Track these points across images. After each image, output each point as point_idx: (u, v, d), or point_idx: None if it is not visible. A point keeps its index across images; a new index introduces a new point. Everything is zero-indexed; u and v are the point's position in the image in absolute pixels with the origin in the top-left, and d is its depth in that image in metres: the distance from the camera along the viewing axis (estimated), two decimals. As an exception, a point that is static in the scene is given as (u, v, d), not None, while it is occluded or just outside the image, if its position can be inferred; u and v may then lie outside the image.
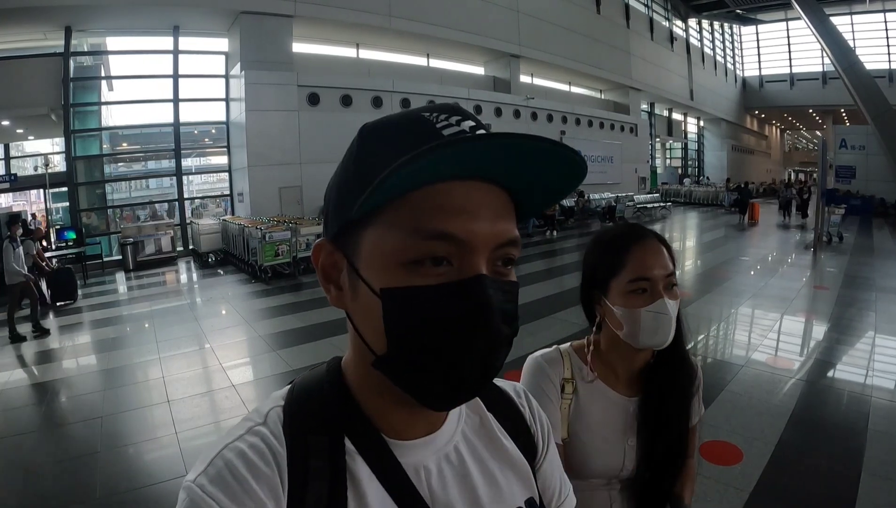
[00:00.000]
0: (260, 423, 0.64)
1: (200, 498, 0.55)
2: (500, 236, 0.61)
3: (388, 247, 0.59)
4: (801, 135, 67.65)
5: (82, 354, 7.39)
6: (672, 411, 1.40)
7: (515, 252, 0.64)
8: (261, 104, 15.42)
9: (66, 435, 4.79)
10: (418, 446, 0.69)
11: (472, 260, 0.59)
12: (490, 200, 0.61)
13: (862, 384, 5.53)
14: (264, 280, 11.75)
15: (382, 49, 20.52)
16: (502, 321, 0.59)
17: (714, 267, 12.40)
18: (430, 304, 0.57)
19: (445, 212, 0.58)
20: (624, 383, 1.43)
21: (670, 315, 1.29)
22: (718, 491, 3.64)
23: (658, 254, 1.33)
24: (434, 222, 0.57)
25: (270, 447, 0.61)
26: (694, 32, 40.12)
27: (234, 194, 17.19)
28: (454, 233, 0.57)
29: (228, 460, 0.58)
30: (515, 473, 0.78)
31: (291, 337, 7.51)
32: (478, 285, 0.58)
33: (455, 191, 0.59)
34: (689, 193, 33.87)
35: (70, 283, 10.78)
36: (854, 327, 7.60)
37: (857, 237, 18.08)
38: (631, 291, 1.30)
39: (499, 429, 0.80)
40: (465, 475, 0.72)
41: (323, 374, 0.72)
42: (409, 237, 0.58)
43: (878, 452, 4.10)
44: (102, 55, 16.63)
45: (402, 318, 0.58)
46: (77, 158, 15.05)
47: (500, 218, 0.61)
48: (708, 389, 4.96)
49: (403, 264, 0.58)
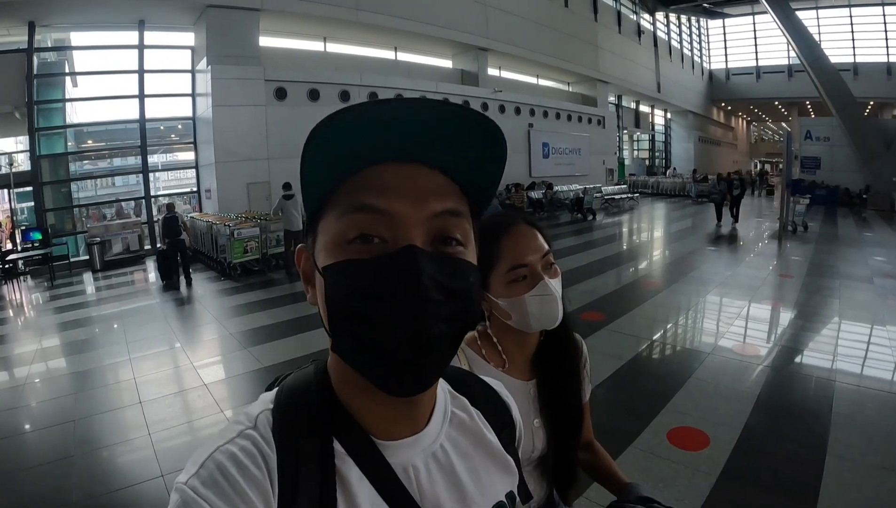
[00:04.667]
0: (250, 427, 0.66)
1: (193, 500, 0.56)
2: (431, 209, 0.64)
3: (330, 232, 0.65)
4: (768, 127, 68.54)
5: (52, 357, 7.28)
6: (567, 389, 1.45)
7: (459, 228, 0.66)
8: (228, 99, 15.27)
9: (39, 440, 4.75)
10: (406, 445, 0.71)
11: (403, 234, 0.62)
12: (418, 177, 0.64)
13: (826, 369, 5.68)
14: (233, 278, 11.68)
15: (350, 43, 20.40)
16: (437, 291, 0.61)
17: (681, 257, 12.59)
18: (360, 274, 0.61)
19: (372, 189, 0.63)
20: (520, 368, 1.44)
21: (555, 294, 1.31)
22: (686, 476, 3.73)
23: (529, 238, 1.33)
24: (360, 197, 0.63)
25: (261, 451, 0.63)
26: (661, 26, 40.48)
27: (202, 191, 17.00)
28: (376, 205, 0.62)
29: (220, 462, 0.60)
30: (498, 468, 0.81)
31: (262, 334, 7.50)
32: (405, 255, 0.60)
33: (383, 172, 0.63)
34: (656, 184, 34.23)
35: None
36: (819, 314, 7.81)
37: (822, 227, 18.45)
38: (511, 280, 1.31)
39: (484, 425, 0.83)
40: (452, 472, 0.74)
41: (310, 375, 0.73)
42: (342, 216, 0.63)
43: (842, 434, 4.23)
44: (67, 51, 16.30)
45: (337, 290, 0.62)
46: (42, 157, 14.74)
47: (431, 193, 0.64)
48: (675, 376, 5.13)
49: (340, 244, 0.63)
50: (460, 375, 0.89)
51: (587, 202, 21.82)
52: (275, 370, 5.98)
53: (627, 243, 16.56)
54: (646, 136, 43.46)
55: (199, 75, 16.45)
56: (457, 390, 0.84)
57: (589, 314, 7.68)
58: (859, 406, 4.78)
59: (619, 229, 19.52)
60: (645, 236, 18.06)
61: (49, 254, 13.24)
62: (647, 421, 4.54)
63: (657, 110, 43.30)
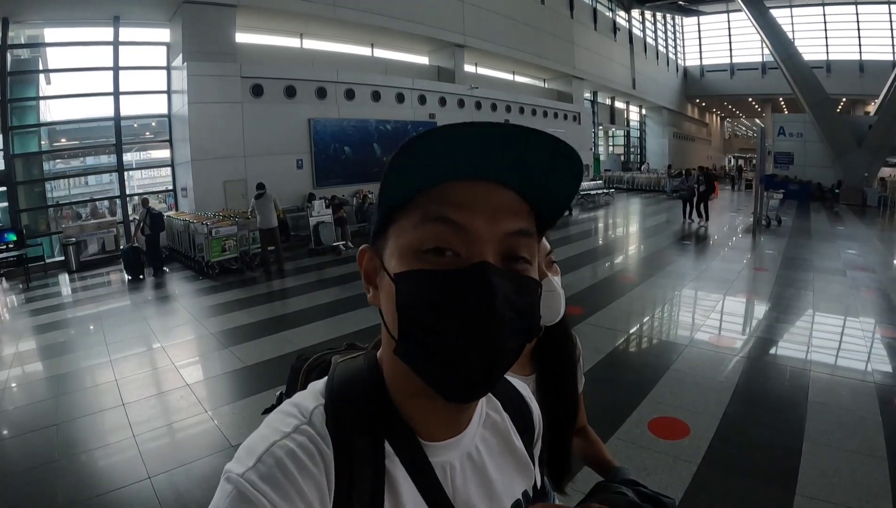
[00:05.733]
0: (305, 421, 0.67)
1: (252, 494, 0.57)
2: (504, 228, 0.66)
3: (403, 239, 0.66)
4: (741, 122, 69.35)
5: (30, 361, 7.18)
6: (566, 381, 1.52)
7: (527, 248, 0.68)
8: (203, 96, 15.08)
9: (22, 445, 4.69)
10: (447, 446, 0.73)
11: (477, 249, 0.64)
12: (494, 196, 0.66)
13: (802, 359, 5.83)
14: (212, 277, 11.60)
15: (326, 39, 20.26)
16: (508, 308, 0.62)
17: (657, 252, 12.76)
18: (435, 286, 0.62)
19: (449, 202, 0.64)
20: (521, 363, 1.48)
21: (558, 291, 1.38)
22: (668, 464, 3.83)
23: None
24: (438, 209, 0.64)
25: (318, 447, 0.64)
26: (637, 23, 40.74)
27: (178, 189, 16.77)
28: (454, 218, 0.64)
29: (279, 458, 0.61)
30: (519, 468, 0.84)
31: (242, 333, 7.47)
32: (480, 271, 0.62)
33: (460, 187, 0.65)
34: (631, 179, 34.48)
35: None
36: (793, 306, 7.97)
37: (795, 221, 18.81)
38: None
39: (511, 428, 0.86)
40: (483, 471, 0.77)
41: (363, 370, 0.75)
42: (418, 226, 0.65)
43: (818, 422, 4.37)
44: (41, 48, 15.97)
45: (410, 299, 0.63)
46: (16, 156, 14.42)
47: (505, 212, 0.66)
48: (654, 368, 5.23)
49: (416, 253, 0.64)
50: None
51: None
52: (256, 369, 6.02)
53: (603, 239, 16.71)
54: (621, 132, 43.78)
55: (174, 72, 16.23)
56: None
57: (567, 309, 7.72)
58: (834, 394, 4.92)
59: (595, 224, 19.71)
60: (621, 232, 18.22)
61: (24, 256, 12.97)
62: (627, 412, 4.63)
63: (632, 106, 43.64)
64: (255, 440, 0.64)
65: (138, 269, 12.14)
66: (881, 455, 3.85)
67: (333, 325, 7.65)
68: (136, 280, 11.85)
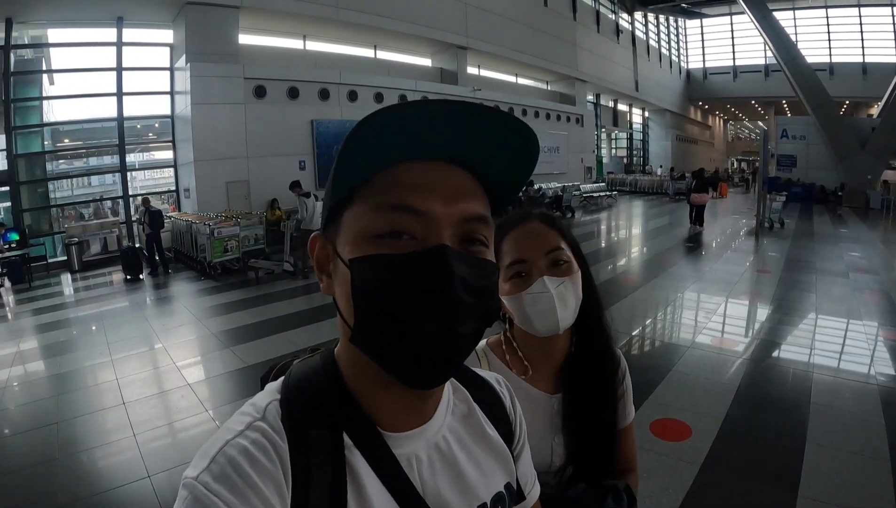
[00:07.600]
0: (259, 418, 0.65)
1: (204, 496, 0.55)
2: (462, 211, 0.65)
3: (358, 224, 0.64)
4: (744, 125, 69.25)
5: (32, 360, 7.19)
6: (595, 404, 1.33)
7: (484, 231, 0.67)
8: (206, 97, 15.08)
9: (22, 444, 4.69)
10: (411, 437, 0.71)
11: (435, 233, 0.63)
12: (451, 177, 0.66)
13: (804, 361, 5.80)
14: (214, 277, 11.59)
15: (330, 41, 20.23)
16: (465, 291, 0.61)
17: (660, 253, 12.73)
18: (392, 270, 0.61)
19: (406, 187, 0.63)
20: (545, 379, 1.36)
21: (550, 292, 1.21)
22: (670, 466, 3.80)
23: (536, 234, 1.28)
24: (394, 196, 0.63)
25: (272, 442, 0.62)
26: (640, 25, 40.76)
27: (181, 190, 16.79)
28: (412, 205, 0.62)
29: (231, 457, 0.59)
30: (497, 460, 0.82)
31: (244, 333, 7.46)
32: (438, 254, 0.61)
33: (415, 169, 0.64)
34: (634, 181, 34.44)
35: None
36: (796, 308, 7.94)
37: (798, 223, 18.73)
38: (511, 277, 1.26)
39: (483, 418, 0.83)
40: (454, 463, 0.75)
41: (318, 366, 0.73)
42: (374, 211, 0.63)
43: (820, 423, 4.34)
44: (44, 48, 16.02)
45: (366, 284, 0.62)
46: (19, 156, 14.45)
47: (462, 195, 0.65)
48: (656, 369, 5.18)
49: (370, 238, 0.63)
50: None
51: (566, 200, 21.92)
52: (258, 369, 5.96)
53: (606, 241, 16.66)
54: (624, 134, 43.71)
55: (177, 73, 16.25)
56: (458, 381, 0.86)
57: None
58: (837, 396, 4.89)
59: (598, 226, 19.67)
60: (624, 234, 18.20)
61: (27, 255, 13.01)
62: (629, 414, 4.59)
63: (635, 109, 43.57)
64: (210, 442, 0.62)
65: (137, 268, 12.20)
66: (884, 456, 3.83)
67: (334, 325, 7.59)
68: (136, 280, 11.88)
